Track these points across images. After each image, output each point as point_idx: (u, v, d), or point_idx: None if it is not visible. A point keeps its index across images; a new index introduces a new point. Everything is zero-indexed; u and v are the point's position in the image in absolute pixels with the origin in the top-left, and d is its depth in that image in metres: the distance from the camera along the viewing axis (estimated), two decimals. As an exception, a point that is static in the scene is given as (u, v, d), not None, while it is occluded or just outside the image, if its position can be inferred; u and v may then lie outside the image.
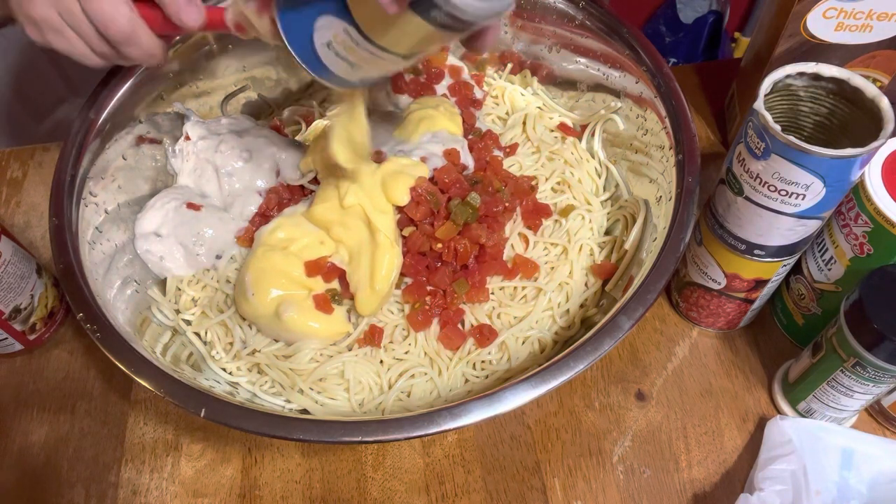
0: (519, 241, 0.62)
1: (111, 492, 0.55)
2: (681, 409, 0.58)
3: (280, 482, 0.55)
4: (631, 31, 0.61)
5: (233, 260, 0.62)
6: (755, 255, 0.51)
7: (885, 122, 0.42)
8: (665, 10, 1.55)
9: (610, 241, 0.62)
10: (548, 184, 0.66)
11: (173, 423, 0.58)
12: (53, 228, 0.53)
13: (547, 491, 0.54)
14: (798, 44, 0.60)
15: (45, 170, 0.76)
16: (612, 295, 0.58)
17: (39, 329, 0.62)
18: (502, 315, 0.58)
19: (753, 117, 0.44)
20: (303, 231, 0.59)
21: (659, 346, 0.61)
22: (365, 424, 0.43)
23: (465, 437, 0.57)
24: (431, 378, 0.56)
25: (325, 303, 0.56)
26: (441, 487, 0.55)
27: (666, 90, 0.57)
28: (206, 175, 0.64)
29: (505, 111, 0.73)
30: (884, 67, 0.61)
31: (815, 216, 0.46)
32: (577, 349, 0.45)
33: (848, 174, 0.43)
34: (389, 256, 0.56)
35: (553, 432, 0.57)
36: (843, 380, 0.49)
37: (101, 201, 0.58)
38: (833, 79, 0.45)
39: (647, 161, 0.60)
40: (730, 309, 0.58)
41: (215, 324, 0.59)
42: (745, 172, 0.46)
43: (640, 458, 0.55)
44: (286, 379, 0.55)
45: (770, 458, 0.51)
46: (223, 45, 0.68)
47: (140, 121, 0.63)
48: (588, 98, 0.68)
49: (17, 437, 0.58)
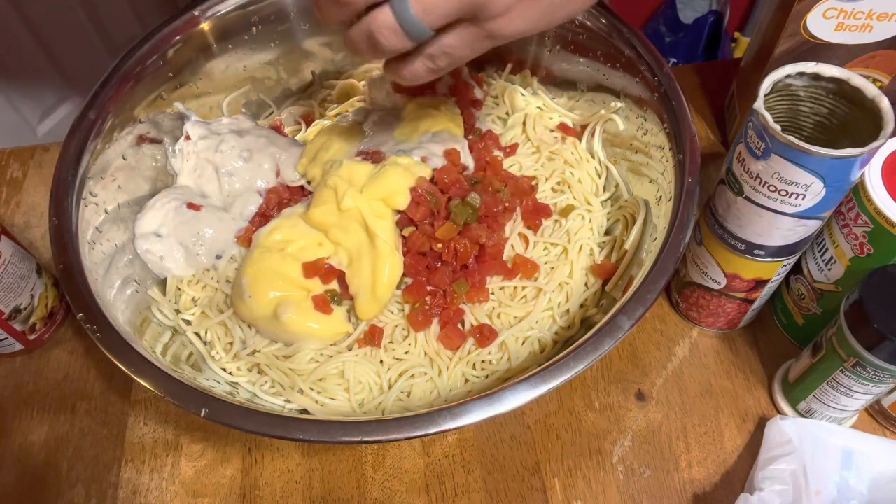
0: (519, 241, 0.62)
1: (111, 492, 0.55)
2: (681, 409, 0.58)
3: (280, 482, 0.55)
4: (631, 31, 0.61)
5: (233, 260, 0.62)
6: (755, 255, 0.51)
7: (885, 122, 0.42)
8: (665, 10, 1.55)
9: (610, 241, 0.62)
10: (548, 184, 0.66)
11: (173, 424, 0.58)
12: (53, 228, 0.53)
13: (547, 491, 0.54)
14: (798, 44, 0.60)
15: (45, 170, 0.76)
16: (612, 295, 0.58)
17: (39, 329, 0.62)
18: (502, 315, 0.58)
19: (753, 117, 0.44)
20: (300, 233, 0.59)
21: (659, 346, 0.61)
22: (365, 424, 0.43)
23: (465, 437, 0.57)
24: (431, 378, 0.56)
25: (325, 303, 0.56)
26: (441, 487, 0.55)
27: (666, 90, 0.57)
28: (206, 175, 0.64)
29: (505, 111, 0.73)
30: (884, 67, 0.61)
31: (815, 216, 0.46)
32: (577, 349, 0.45)
33: (848, 174, 0.43)
34: (391, 264, 0.56)
35: (553, 432, 0.57)
36: (843, 380, 0.49)
37: (101, 201, 0.58)
38: (833, 79, 0.45)
39: (647, 161, 0.60)
40: (730, 309, 0.58)
41: (215, 324, 0.59)
42: (745, 172, 0.46)
43: (640, 458, 0.55)
44: (286, 379, 0.55)
45: (770, 457, 0.51)
46: (223, 45, 0.68)
47: (140, 121, 0.63)
48: (588, 98, 0.68)
49: (17, 437, 0.59)
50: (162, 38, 0.64)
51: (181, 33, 0.65)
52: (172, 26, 0.64)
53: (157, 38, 0.64)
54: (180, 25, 0.65)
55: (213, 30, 0.66)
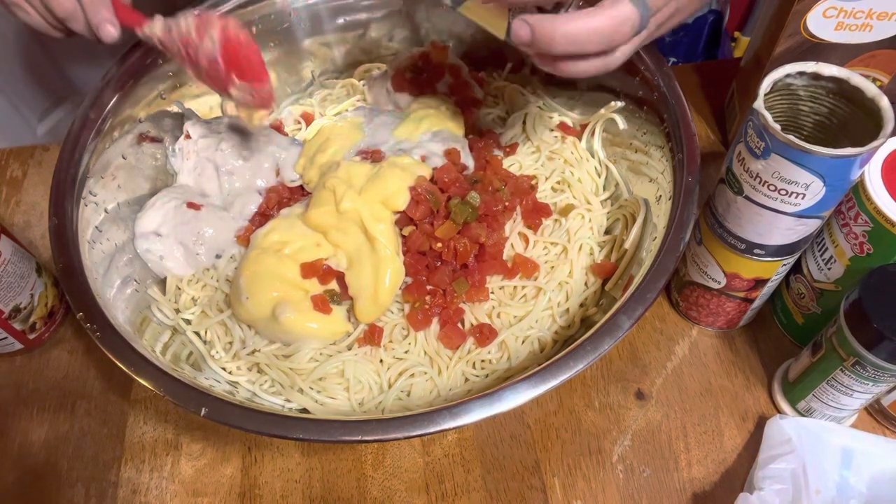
0: (519, 240, 0.62)
1: (111, 491, 0.55)
2: (680, 408, 0.58)
3: (280, 481, 0.55)
4: (631, 30, 0.61)
5: (233, 259, 0.62)
6: (755, 254, 0.51)
7: (885, 122, 0.42)
8: (665, 10, 1.55)
9: (610, 240, 0.62)
10: (547, 183, 0.66)
11: (173, 423, 0.58)
12: (53, 228, 0.53)
13: (547, 490, 0.54)
14: (798, 43, 0.60)
15: (45, 169, 0.76)
16: (611, 294, 0.58)
17: (39, 328, 0.62)
18: (502, 314, 0.58)
19: (753, 117, 0.44)
20: (298, 233, 0.58)
21: (659, 346, 0.61)
22: (365, 424, 0.43)
23: (464, 436, 0.57)
24: (431, 377, 0.56)
25: (324, 303, 0.56)
26: (441, 486, 0.55)
27: (666, 89, 0.57)
28: (206, 174, 0.64)
29: (505, 110, 0.73)
30: (883, 67, 0.61)
31: (814, 215, 0.46)
32: (576, 348, 0.45)
33: (848, 173, 0.43)
34: (392, 269, 0.56)
35: (553, 431, 0.57)
36: (842, 379, 0.49)
37: (101, 200, 0.58)
38: (833, 78, 0.45)
39: (647, 160, 0.60)
40: (729, 308, 0.58)
41: (215, 323, 0.59)
42: (745, 172, 0.46)
43: (639, 458, 0.55)
44: (286, 378, 0.55)
45: (770, 457, 0.51)
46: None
47: (140, 120, 0.63)
48: (588, 97, 0.68)
49: (17, 437, 0.59)
50: (162, 37, 0.64)
51: (181, 33, 0.65)
52: (172, 26, 0.64)
53: (156, 38, 0.64)
54: (180, 25, 0.65)
55: (212, 29, 0.66)
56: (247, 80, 0.56)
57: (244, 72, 0.56)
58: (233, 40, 0.55)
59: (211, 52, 0.55)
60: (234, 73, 0.56)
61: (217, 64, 0.55)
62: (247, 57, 0.56)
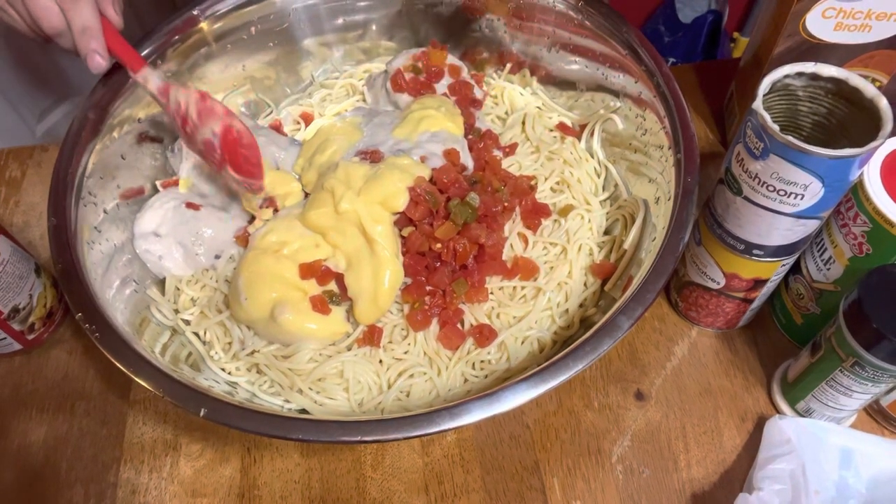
0: (518, 240, 0.62)
1: (110, 491, 0.55)
2: (680, 408, 0.58)
3: (279, 482, 0.55)
4: (630, 30, 0.61)
5: (232, 259, 0.62)
6: (754, 254, 0.51)
7: (884, 122, 0.42)
8: (664, 10, 1.55)
9: (609, 240, 0.62)
10: (547, 183, 0.66)
11: (172, 423, 0.58)
12: (52, 228, 0.53)
13: (546, 490, 0.54)
14: (797, 43, 0.60)
15: (44, 169, 0.76)
16: (611, 295, 0.58)
17: (38, 329, 0.62)
18: (502, 315, 0.58)
19: (752, 117, 0.44)
20: (296, 234, 0.58)
21: (658, 346, 0.61)
22: (364, 424, 0.43)
23: (464, 436, 0.57)
24: (431, 378, 0.56)
25: (323, 304, 0.56)
26: (440, 487, 0.55)
27: (665, 90, 0.57)
28: (205, 174, 0.64)
29: (504, 111, 0.73)
30: (882, 67, 0.61)
31: (813, 216, 0.46)
32: (576, 349, 0.45)
33: (847, 174, 0.43)
34: (392, 272, 0.56)
35: (552, 432, 0.57)
36: (841, 379, 0.49)
37: (100, 201, 0.58)
38: (832, 78, 0.45)
39: (647, 161, 0.60)
40: (729, 308, 0.58)
41: (214, 324, 0.59)
42: (744, 172, 0.46)
43: (639, 458, 0.55)
44: (285, 379, 0.55)
45: (769, 457, 0.51)
46: (222, 45, 0.68)
47: (140, 120, 0.63)
48: (587, 98, 0.68)
49: (16, 437, 0.58)
50: (161, 37, 0.64)
51: (180, 33, 0.65)
52: (171, 26, 0.64)
53: (156, 38, 0.64)
54: (179, 25, 0.65)
55: (211, 29, 0.66)
56: (242, 174, 0.56)
57: (240, 168, 0.56)
58: (235, 140, 0.54)
59: (210, 140, 0.54)
60: (229, 166, 0.56)
61: (214, 150, 0.55)
62: (246, 157, 0.56)
